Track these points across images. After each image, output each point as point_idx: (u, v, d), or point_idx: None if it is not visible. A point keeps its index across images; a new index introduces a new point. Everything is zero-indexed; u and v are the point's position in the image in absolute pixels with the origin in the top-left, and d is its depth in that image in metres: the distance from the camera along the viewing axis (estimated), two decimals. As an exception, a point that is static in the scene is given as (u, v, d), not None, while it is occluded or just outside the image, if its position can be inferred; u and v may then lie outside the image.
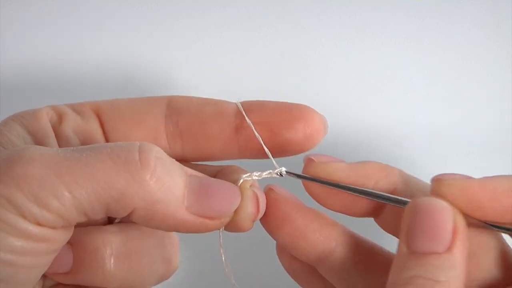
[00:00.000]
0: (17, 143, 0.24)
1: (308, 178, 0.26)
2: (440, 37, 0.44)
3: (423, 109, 0.44)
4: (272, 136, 0.27)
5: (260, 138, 0.27)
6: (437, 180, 0.24)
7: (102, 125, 0.27)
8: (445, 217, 0.23)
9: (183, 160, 0.28)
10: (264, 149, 0.27)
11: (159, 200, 0.23)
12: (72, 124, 0.27)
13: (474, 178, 0.24)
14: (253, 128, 0.26)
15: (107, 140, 0.27)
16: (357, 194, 0.26)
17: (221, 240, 0.27)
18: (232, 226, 0.26)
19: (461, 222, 0.23)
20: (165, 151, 0.26)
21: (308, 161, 0.27)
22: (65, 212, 0.21)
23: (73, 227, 0.23)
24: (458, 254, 0.23)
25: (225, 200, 0.25)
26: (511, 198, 0.23)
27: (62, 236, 0.23)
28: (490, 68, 0.44)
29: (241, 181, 0.26)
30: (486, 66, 0.44)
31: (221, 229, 0.26)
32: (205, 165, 0.29)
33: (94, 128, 0.27)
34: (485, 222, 0.24)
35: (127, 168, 0.22)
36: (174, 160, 0.24)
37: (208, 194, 0.24)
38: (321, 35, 0.42)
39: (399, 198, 0.25)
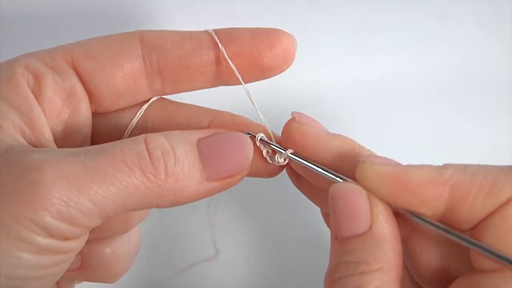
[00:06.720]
0: (6, 127, 0.23)
1: (313, 164, 0.26)
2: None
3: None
4: (253, 65, 0.27)
5: (240, 77, 0.27)
6: (360, 163, 0.23)
7: (80, 77, 0.26)
8: (358, 199, 0.23)
9: (163, 95, 0.29)
10: (245, 75, 0.27)
11: (180, 189, 0.23)
12: (51, 85, 0.25)
13: (394, 165, 0.23)
14: (231, 64, 0.27)
15: (88, 93, 0.27)
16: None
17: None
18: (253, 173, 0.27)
19: (376, 201, 0.23)
20: (145, 91, 0.28)
21: (291, 120, 0.26)
22: (91, 223, 0.22)
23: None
24: (381, 232, 0.22)
25: (239, 155, 0.25)
26: (429, 189, 0.22)
27: (83, 242, 0.24)
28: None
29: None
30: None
31: None
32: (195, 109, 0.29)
33: (73, 83, 0.26)
34: (409, 211, 0.23)
35: (144, 172, 0.22)
36: (176, 133, 0.24)
37: (221, 155, 0.24)
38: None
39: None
